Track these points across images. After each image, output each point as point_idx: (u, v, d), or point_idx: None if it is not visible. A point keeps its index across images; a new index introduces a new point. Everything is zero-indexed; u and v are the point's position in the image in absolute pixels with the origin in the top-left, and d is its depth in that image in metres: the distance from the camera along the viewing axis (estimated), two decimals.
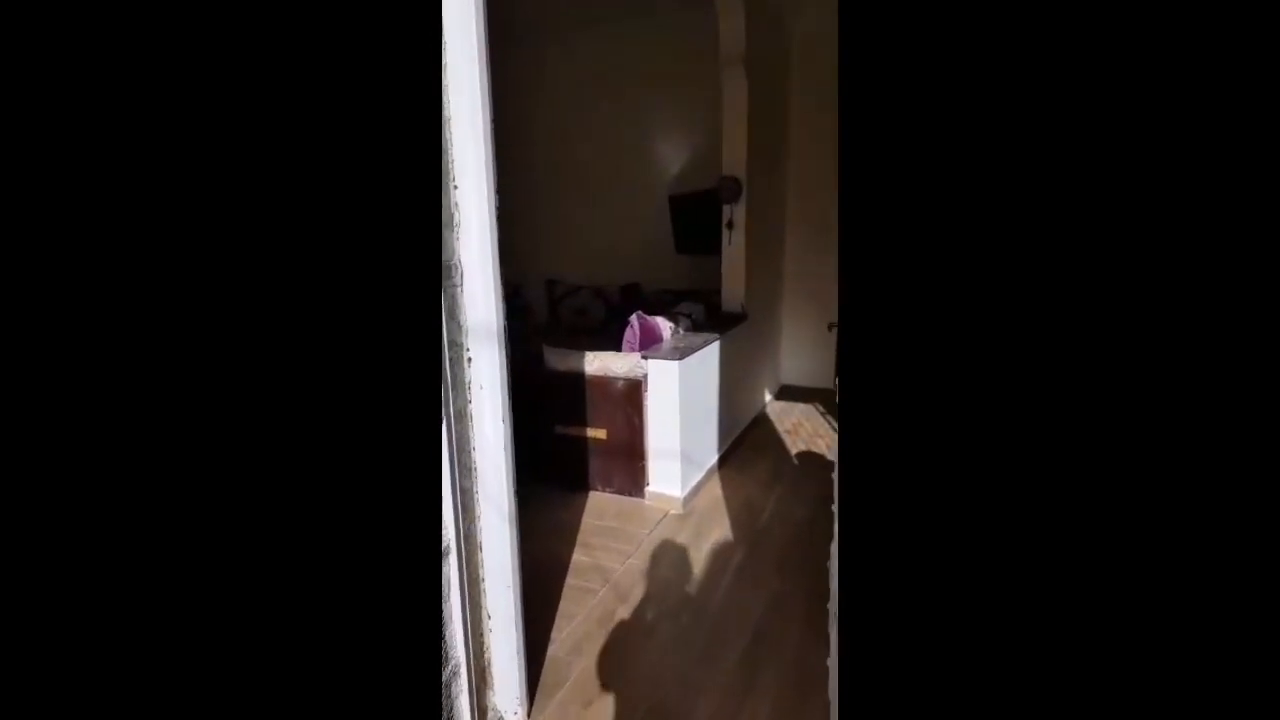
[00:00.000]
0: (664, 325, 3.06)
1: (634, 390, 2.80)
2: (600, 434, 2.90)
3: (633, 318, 2.96)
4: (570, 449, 2.98)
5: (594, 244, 5.07)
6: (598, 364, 2.87)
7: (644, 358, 2.77)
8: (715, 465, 3.21)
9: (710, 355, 3.05)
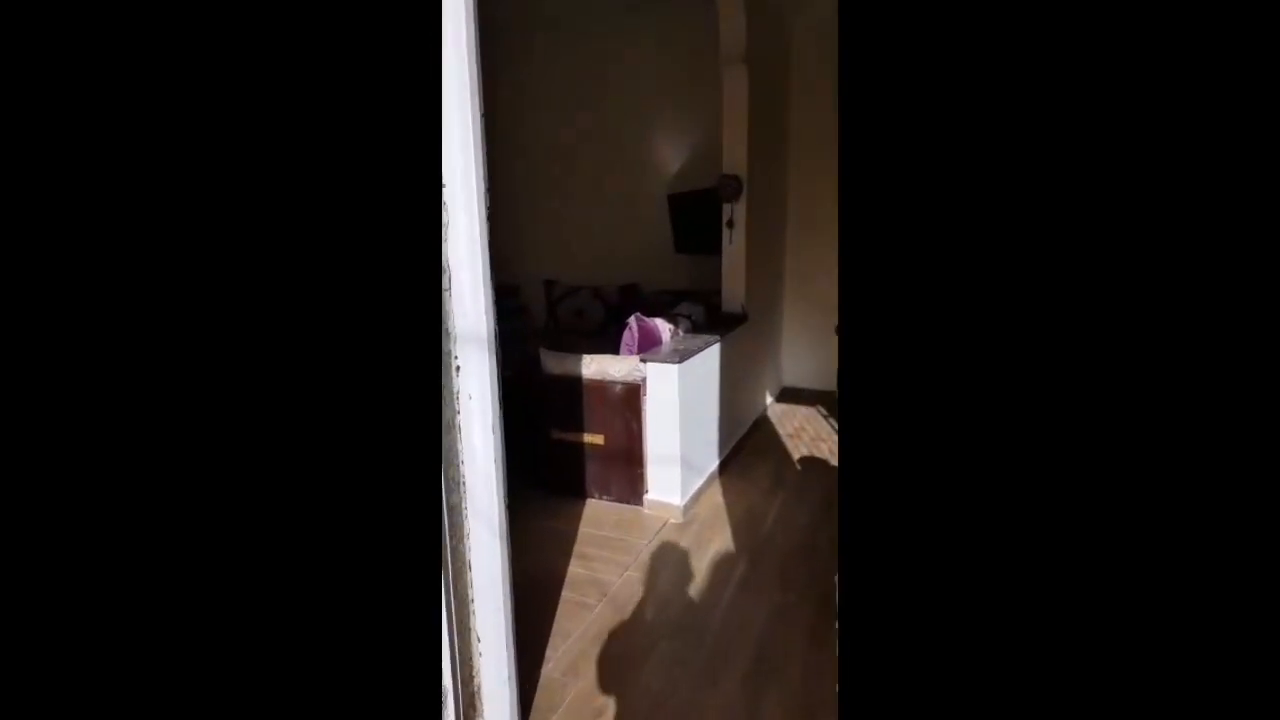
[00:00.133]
0: (663, 327, 2.98)
1: (632, 394, 2.72)
2: (598, 439, 2.82)
3: (631, 320, 2.88)
4: (567, 455, 2.90)
5: (592, 244, 4.99)
6: (595, 367, 2.78)
7: (643, 361, 2.68)
8: (716, 471, 3.13)
9: (710, 357, 2.97)
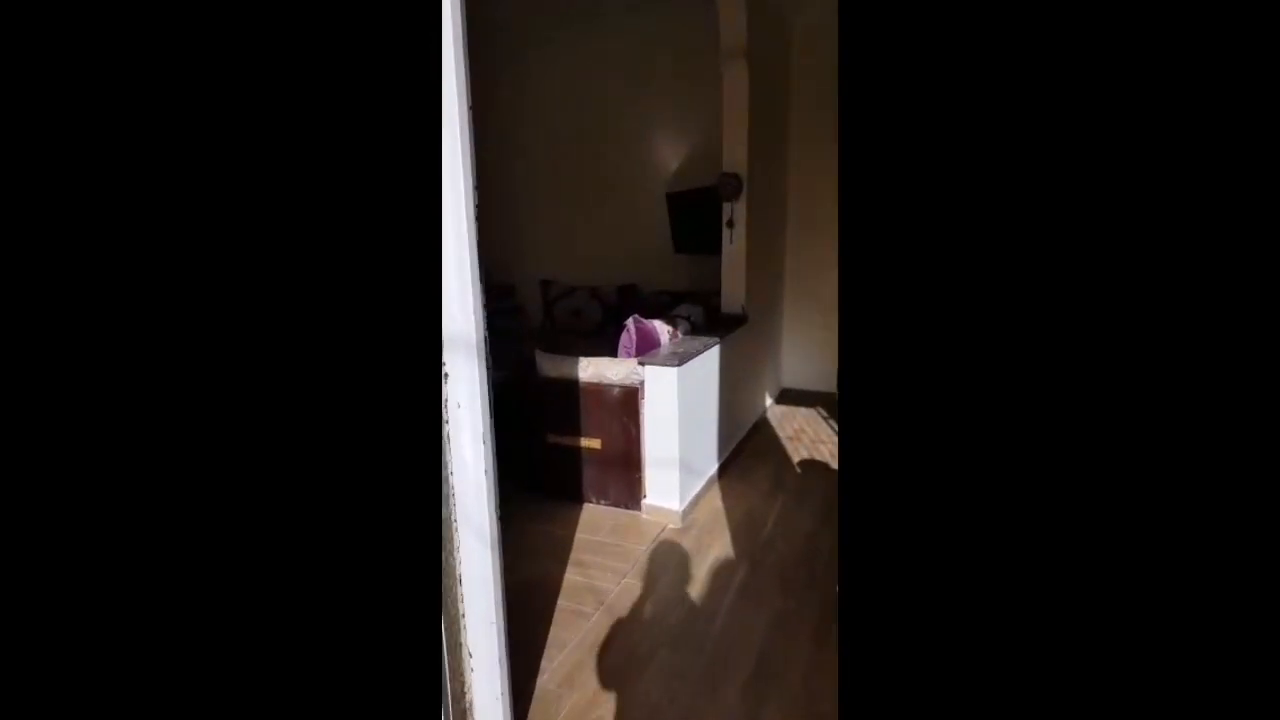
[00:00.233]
0: (662, 329, 2.93)
1: (630, 398, 2.67)
2: (595, 444, 2.77)
3: (629, 322, 2.83)
4: (563, 459, 2.85)
5: (590, 243, 4.94)
6: (592, 370, 2.74)
7: (641, 364, 2.64)
8: (715, 474, 3.09)
9: (710, 360, 2.92)
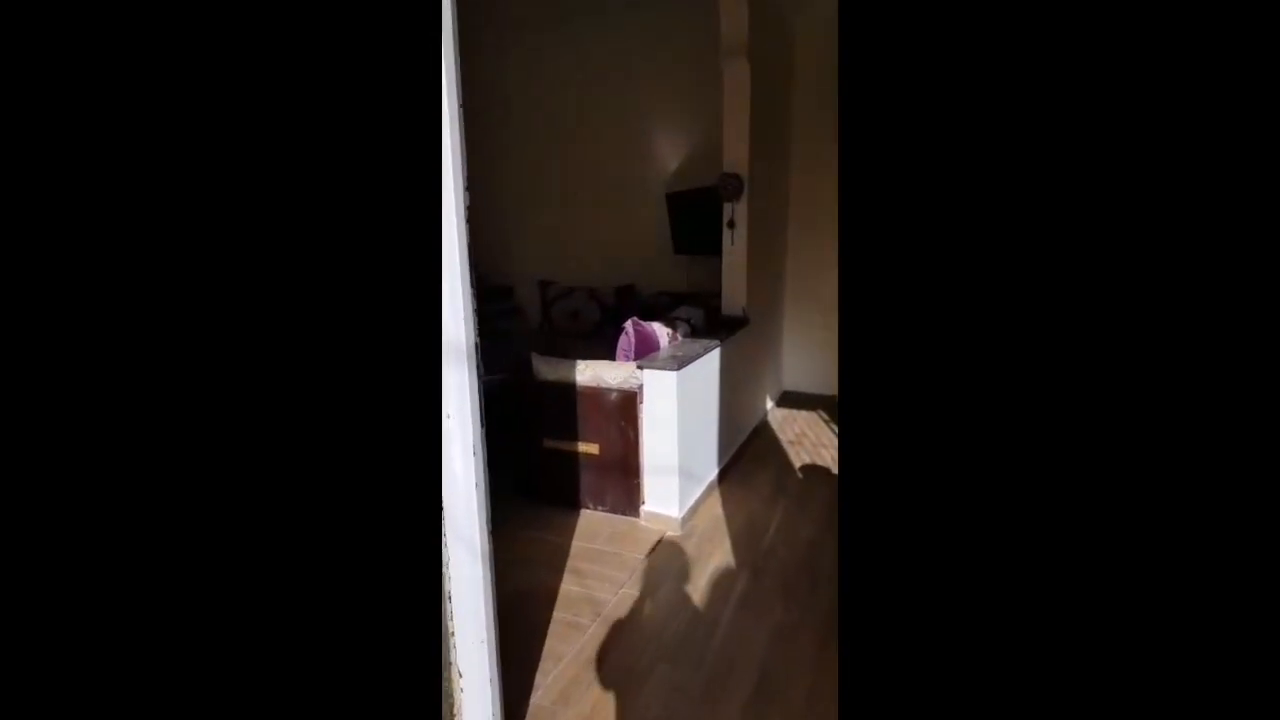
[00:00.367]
0: (661, 332, 2.87)
1: (628, 402, 2.61)
2: (592, 449, 2.71)
3: (627, 324, 2.77)
4: (560, 465, 2.79)
5: (589, 243, 4.88)
6: (590, 374, 2.68)
7: (639, 367, 2.58)
8: (715, 480, 3.03)
9: (710, 363, 2.87)
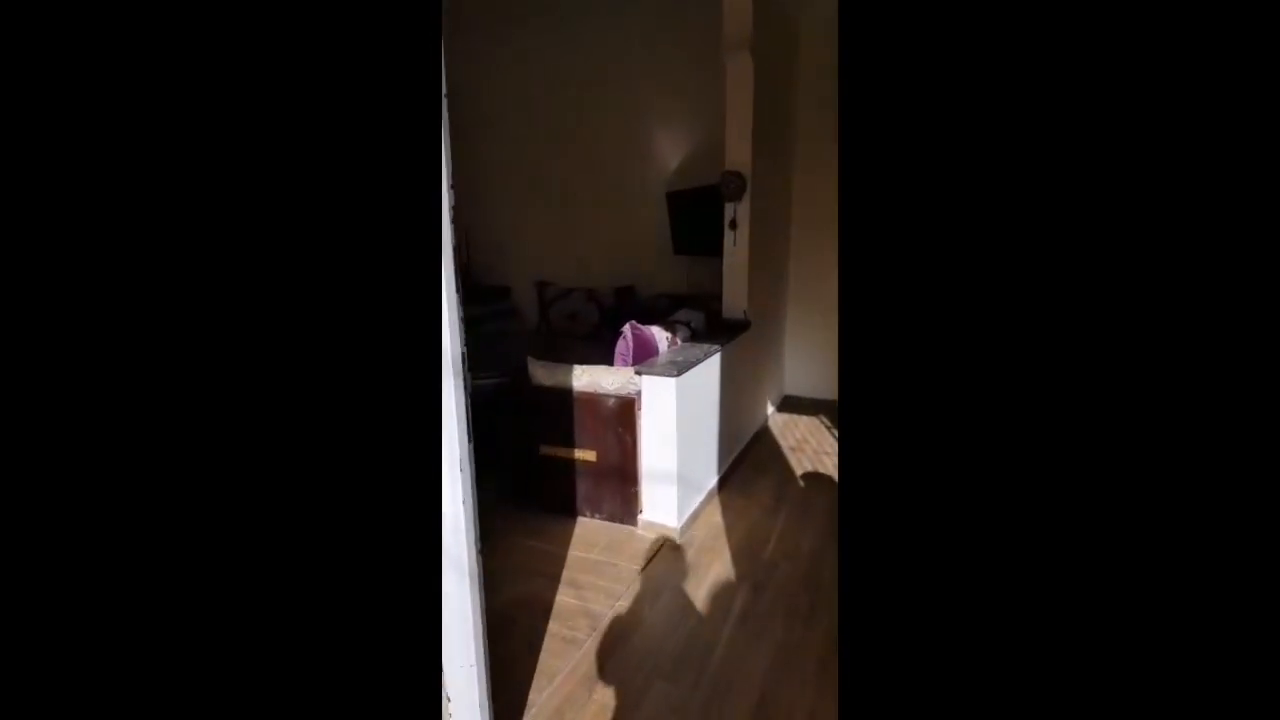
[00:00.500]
0: (660, 335, 2.80)
1: (626, 408, 2.54)
2: (589, 456, 2.64)
3: (626, 328, 2.70)
4: (557, 471, 2.72)
5: (587, 243, 4.81)
6: (587, 379, 2.61)
7: (638, 373, 2.51)
8: (715, 488, 2.96)
9: (710, 368, 2.80)
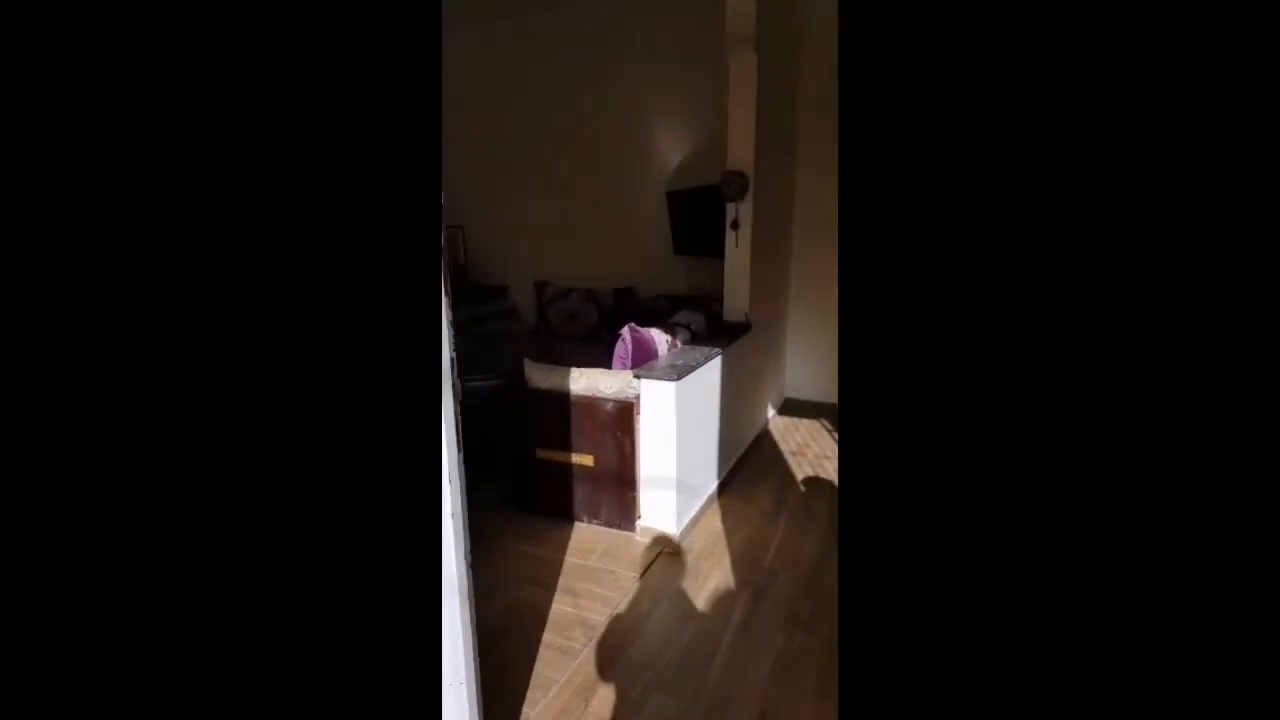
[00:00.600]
0: (660, 338, 2.76)
1: (625, 413, 2.49)
2: (587, 460, 2.60)
3: (624, 330, 2.66)
4: (554, 476, 2.68)
5: (586, 243, 4.76)
6: (584, 382, 2.56)
7: (637, 377, 2.46)
8: (714, 493, 2.92)
9: (711, 372, 2.75)
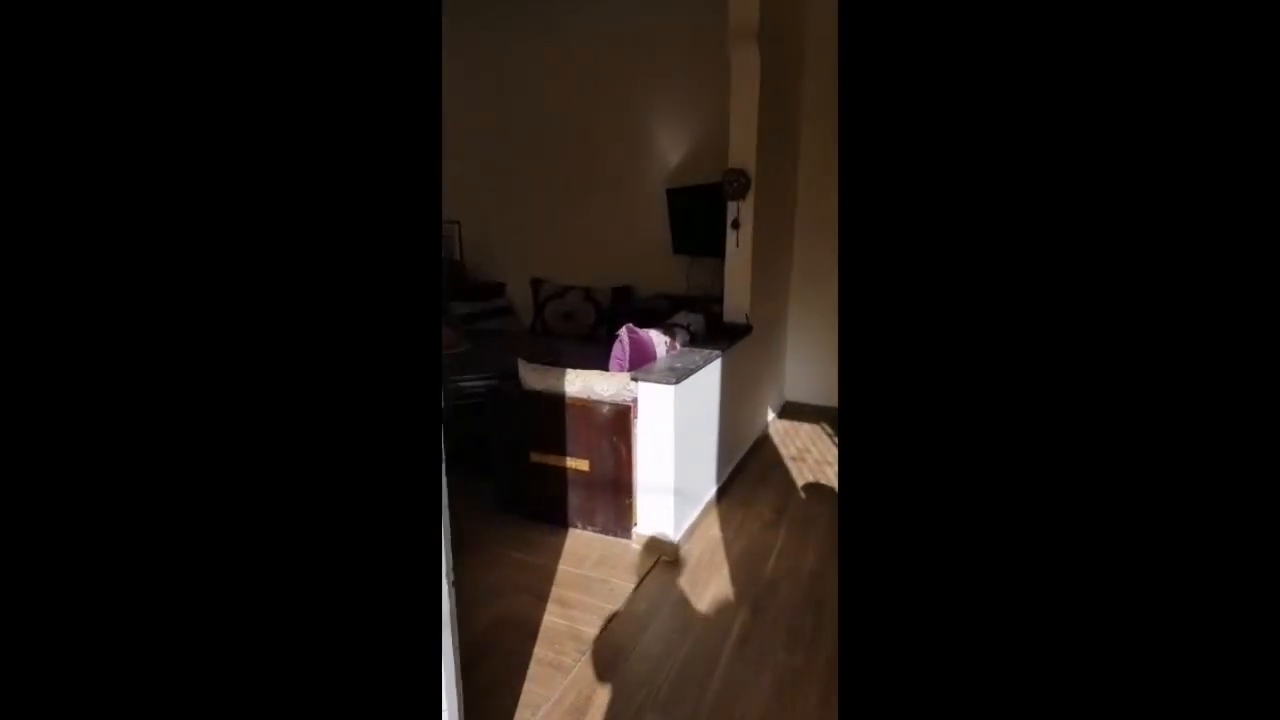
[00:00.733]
0: (658, 339, 2.67)
1: (622, 416, 2.41)
2: (582, 465, 2.52)
3: (623, 331, 2.57)
4: (548, 480, 2.60)
5: (584, 240, 4.67)
6: (580, 384, 2.48)
7: (634, 379, 2.38)
8: (713, 499, 2.84)
9: (710, 375, 2.67)
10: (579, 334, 4.32)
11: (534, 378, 2.55)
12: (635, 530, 2.49)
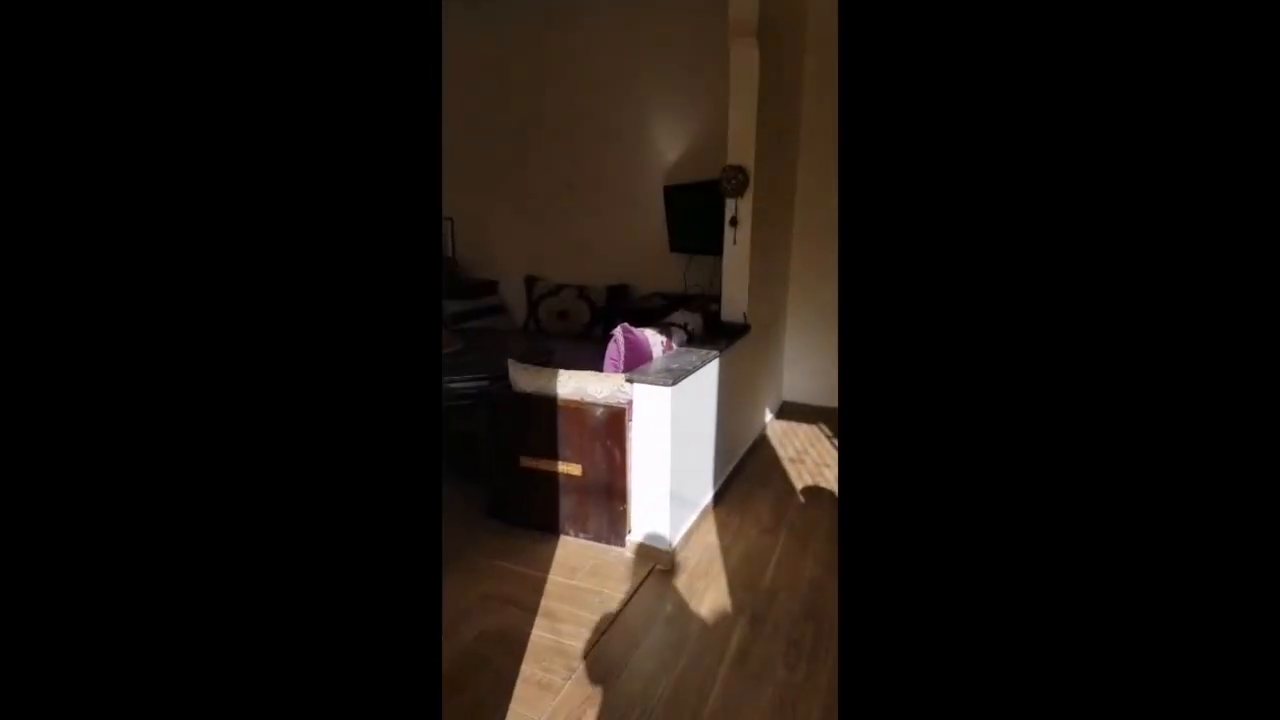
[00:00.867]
0: (654, 339, 2.58)
1: (616, 419, 2.32)
2: (574, 469, 2.42)
3: (617, 331, 2.48)
4: (539, 486, 2.50)
5: (579, 238, 4.58)
6: (573, 385, 2.38)
7: (629, 380, 2.29)
8: (710, 504, 2.75)
9: (708, 376, 2.58)
10: (573, 333, 4.23)
11: (525, 379, 2.46)
12: (629, 537, 2.40)
